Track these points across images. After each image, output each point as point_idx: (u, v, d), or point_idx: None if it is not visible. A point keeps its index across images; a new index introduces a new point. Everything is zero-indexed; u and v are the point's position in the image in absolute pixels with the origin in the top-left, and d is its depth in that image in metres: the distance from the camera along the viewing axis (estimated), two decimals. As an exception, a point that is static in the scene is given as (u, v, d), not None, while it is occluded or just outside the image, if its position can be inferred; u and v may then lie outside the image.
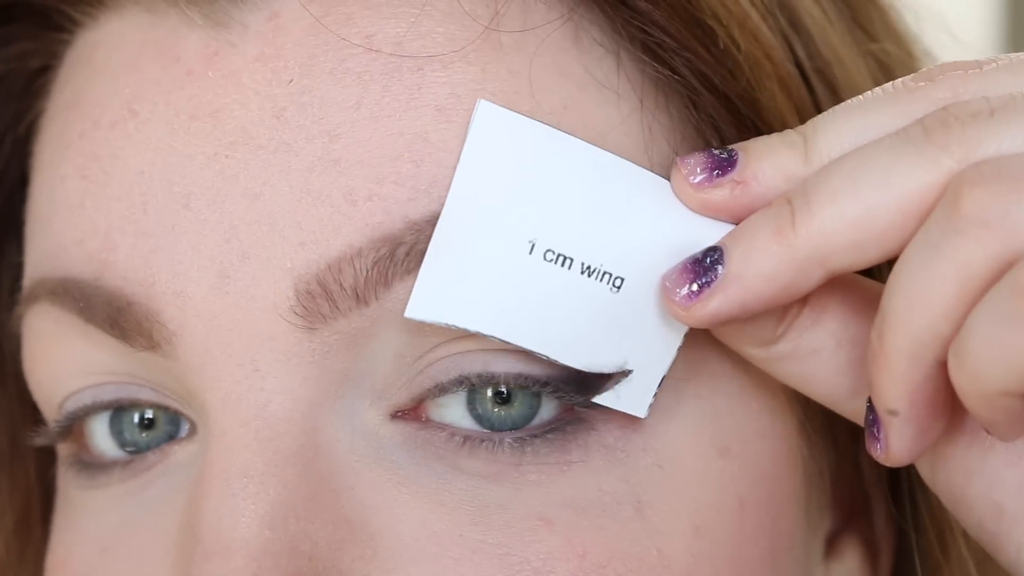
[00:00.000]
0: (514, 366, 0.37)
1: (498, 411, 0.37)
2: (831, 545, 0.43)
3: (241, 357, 0.37)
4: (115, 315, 0.38)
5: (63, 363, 0.40)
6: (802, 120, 0.39)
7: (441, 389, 0.37)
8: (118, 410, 0.41)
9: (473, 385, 0.37)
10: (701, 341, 0.38)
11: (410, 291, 0.36)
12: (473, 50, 0.37)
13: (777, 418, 0.40)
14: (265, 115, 0.37)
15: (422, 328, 0.36)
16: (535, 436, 0.37)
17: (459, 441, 0.37)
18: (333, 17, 0.38)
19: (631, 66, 0.38)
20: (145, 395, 0.40)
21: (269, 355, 0.37)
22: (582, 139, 0.36)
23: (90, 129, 0.40)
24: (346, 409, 0.37)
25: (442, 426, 0.37)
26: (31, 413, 0.46)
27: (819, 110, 0.40)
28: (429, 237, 0.36)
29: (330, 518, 0.36)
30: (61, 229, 0.40)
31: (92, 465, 0.41)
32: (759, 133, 0.38)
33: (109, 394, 0.40)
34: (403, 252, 0.36)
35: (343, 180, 0.36)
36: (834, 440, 0.42)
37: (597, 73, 0.38)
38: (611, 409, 0.37)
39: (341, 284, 0.36)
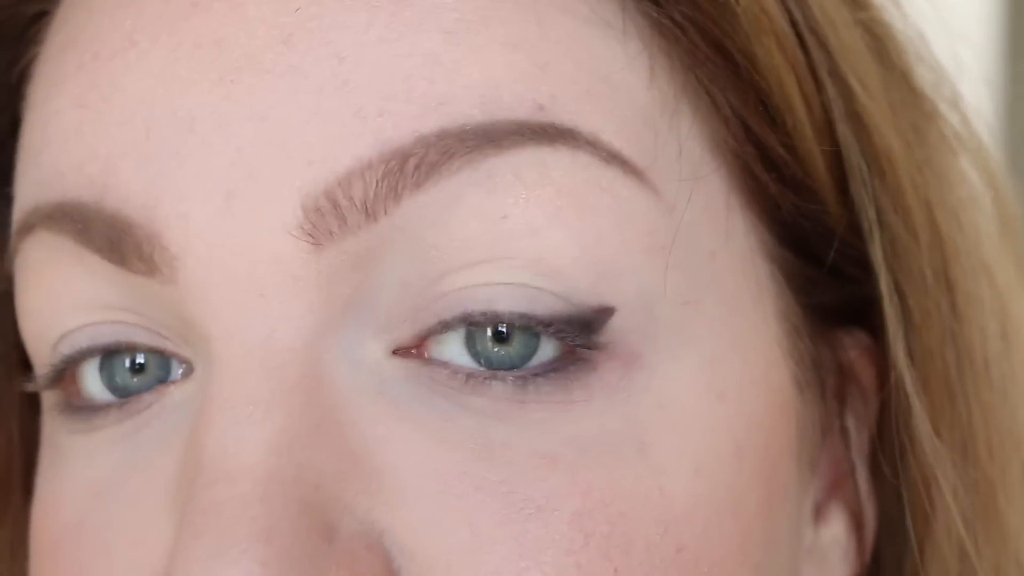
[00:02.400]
0: (518, 304, 0.37)
1: (497, 350, 0.37)
2: (818, 512, 0.43)
3: (245, 282, 0.36)
4: (115, 238, 0.38)
5: (58, 294, 0.40)
6: (799, 79, 0.40)
7: (444, 325, 0.37)
8: (108, 354, 0.40)
9: (476, 322, 0.37)
10: (702, 282, 0.38)
11: (420, 207, 0.36)
12: None
13: (772, 368, 0.40)
14: (272, 41, 0.37)
15: (429, 253, 0.36)
16: (537, 375, 0.37)
17: (462, 379, 0.37)
18: None
19: (634, 8, 0.39)
20: (141, 337, 0.39)
21: (275, 278, 0.36)
22: (588, 68, 0.37)
23: (88, 61, 0.40)
24: (348, 341, 0.37)
25: (444, 363, 0.37)
26: (17, 365, 0.46)
27: (814, 72, 0.41)
28: (439, 151, 0.36)
29: (335, 449, 0.36)
30: (57, 156, 0.39)
31: (83, 409, 0.40)
32: (756, 87, 0.39)
33: (105, 336, 0.40)
34: (412, 165, 0.36)
35: (352, 99, 0.36)
36: (823, 397, 0.43)
37: (601, 11, 0.38)
38: (613, 348, 0.37)
39: (351, 197, 0.36)
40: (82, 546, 0.39)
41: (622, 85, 0.38)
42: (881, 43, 0.44)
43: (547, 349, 0.37)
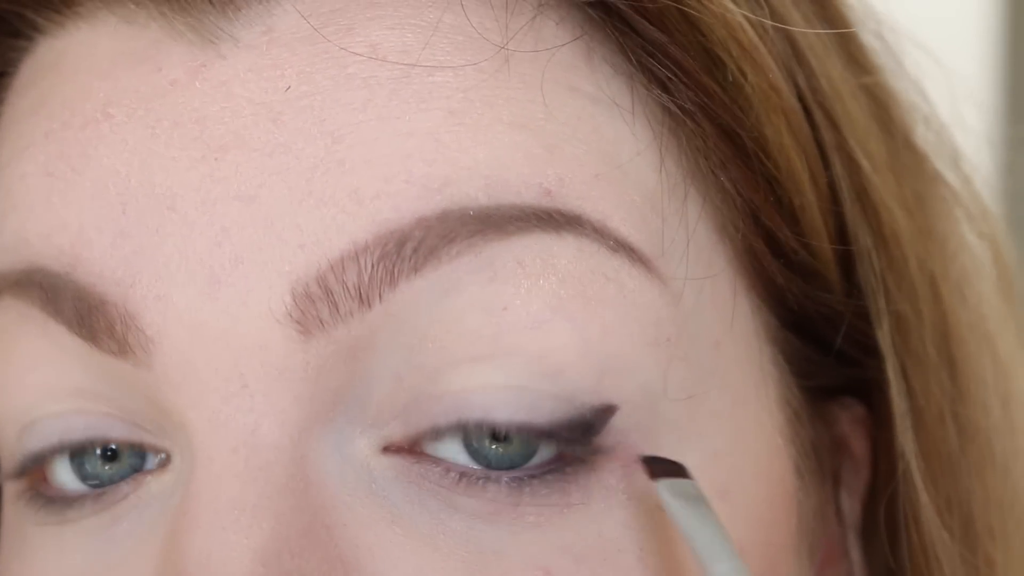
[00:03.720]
0: (516, 413, 0.35)
1: (496, 448, 0.35)
2: None
3: (228, 371, 0.35)
4: (84, 312, 0.36)
5: (25, 369, 0.38)
6: (807, 157, 0.38)
7: (438, 432, 0.35)
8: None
9: (471, 431, 0.35)
10: (705, 374, 0.37)
11: (416, 293, 0.34)
12: (485, 62, 0.36)
13: (774, 458, 0.39)
14: (260, 119, 0.35)
15: (425, 345, 0.35)
16: (533, 476, 0.35)
17: (455, 478, 0.35)
18: (333, 28, 0.36)
19: (641, 88, 0.37)
20: (115, 430, 0.37)
21: (259, 369, 0.35)
22: (596, 151, 0.36)
23: (57, 129, 0.38)
24: (336, 436, 0.35)
25: (437, 460, 0.35)
26: None
27: (821, 148, 0.39)
28: (439, 234, 0.34)
29: (324, 556, 0.34)
30: (23, 223, 0.38)
31: (55, 500, 0.38)
32: (765, 170, 0.38)
33: (77, 431, 0.38)
34: (411, 248, 0.34)
35: (348, 180, 0.35)
36: (822, 481, 0.41)
37: (608, 91, 0.37)
38: (613, 450, 0.35)
39: (344, 282, 0.34)
40: None
41: (630, 169, 0.36)
42: (885, 109, 0.43)
43: (547, 449, 0.35)
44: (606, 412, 0.35)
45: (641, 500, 0.36)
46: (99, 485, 0.38)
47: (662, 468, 0.36)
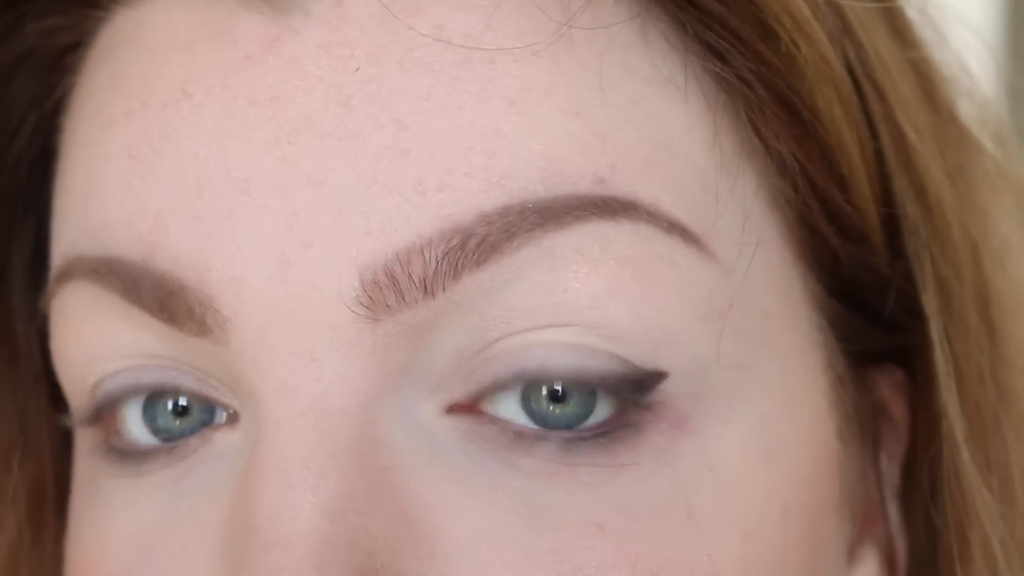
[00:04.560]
0: (572, 360, 0.36)
1: (552, 408, 0.37)
2: (850, 553, 0.43)
3: (299, 346, 0.36)
4: (164, 299, 0.37)
5: (101, 343, 0.39)
6: (856, 127, 0.39)
7: (498, 385, 0.37)
8: (152, 396, 0.40)
9: (531, 380, 0.36)
10: (754, 343, 0.38)
11: (479, 283, 0.36)
12: (544, 45, 0.37)
13: (818, 422, 0.40)
14: (330, 102, 0.36)
15: (487, 322, 0.36)
16: (583, 439, 0.36)
17: (511, 437, 0.37)
18: (401, 6, 0.37)
19: (696, 64, 0.38)
20: (186, 382, 0.39)
21: (328, 345, 0.36)
22: (648, 134, 0.36)
23: (138, 108, 0.39)
24: (402, 403, 0.37)
25: (496, 420, 0.37)
26: (47, 396, 0.45)
27: (869, 119, 0.40)
28: (500, 229, 0.35)
29: (388, 514, 0.36)
30: (105, 208, 0.39)
31: (129, 453, 0.40)
32: (817, 139, 0.39)
33: (151, 377, 0.39)
34: (474, 244, 0.36)
35: (412, 170, 0.36)
36: (863, 445, 0.43)
37: (663, 69, 0.38)
38: (662, 411, 0.37)
39: (409, 275, 0.36)
40: None
41: (681, 150, 0.38)
42: (930, 83, 0.44)
43: (601, 410, 0.37)
44: (657, 377, 0.37)
45: (689, 460, 0.37)
46: (170, 439, 0.39)
47: None
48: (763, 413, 0.38)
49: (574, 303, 0.36)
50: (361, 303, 0.36)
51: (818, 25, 0.39)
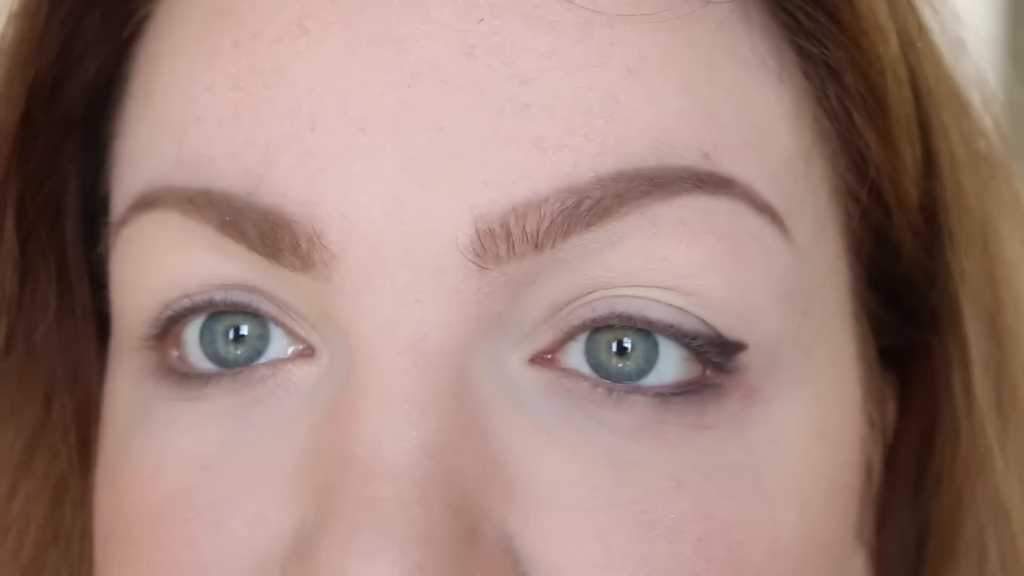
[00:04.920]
0: (666, 316, 0.38)
1: (615, 362, 0.38)
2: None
3: (404, 287, 0.36)
4: (268, 232, 0.37)
5: (185, 273, 0.39)
6: (908, 125, 0.42)
7: (586, 326, 0.38)
8: (210, 319, 0.40)
9: (624, 323, 0.37)
10: (816, 325, 0.40)
11: (585, 243, 0.37)
12: (663, 18, 0.38)
13: (855, 408, 0.42)
14: (453, 50, 0.37)
15: (586, 281, 0.37)
16: (676, 394, 0.38)
17: (603, 392, 0.38)
18: None
19: (789, 51, 0.40)
20: (263, 305, 0.39)
21: (434, 288, 0.36)
22: (746, 116, 0.38)
23: (247, 40, 0.38)
24: (492, 351, 0.37)
25: (582, 376, 0.38)
26: (95, 326, 0.45)
27: (921, 124, 0.43)
28: (613, 194, 0.36)
29: (480, 455, 0.37)
30: (207, 139, 0.38)
31: (190, 376, 0.40)
32: (888, 137, 0.41)
33: (224, 296, 0.39)
34: (588, 205, 0.36)
35: (532, 126, 0.36)
36: (882, 436, 0.45)
37: (761, 53, 0.40)
38: (738, 380, 0.38)
39: (523, 228, 0.36)
40: (188, 518, 0.38)
41: (772, 133, 0.39)
42: (963, 98, 0.46)
43: (667, 368, 0.38)
44: (738, 347, 0.38)
45: (757, 430, 0.39)
46: (224, 365, 0.39)
47: None
48: (818, 393, 0.40)
49: (672, 270, 0.37)
50: (472, 250, 0.36)
51: (892, 27, 0.41)
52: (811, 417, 0.40)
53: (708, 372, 0.38)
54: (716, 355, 0.38)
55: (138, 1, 0.43)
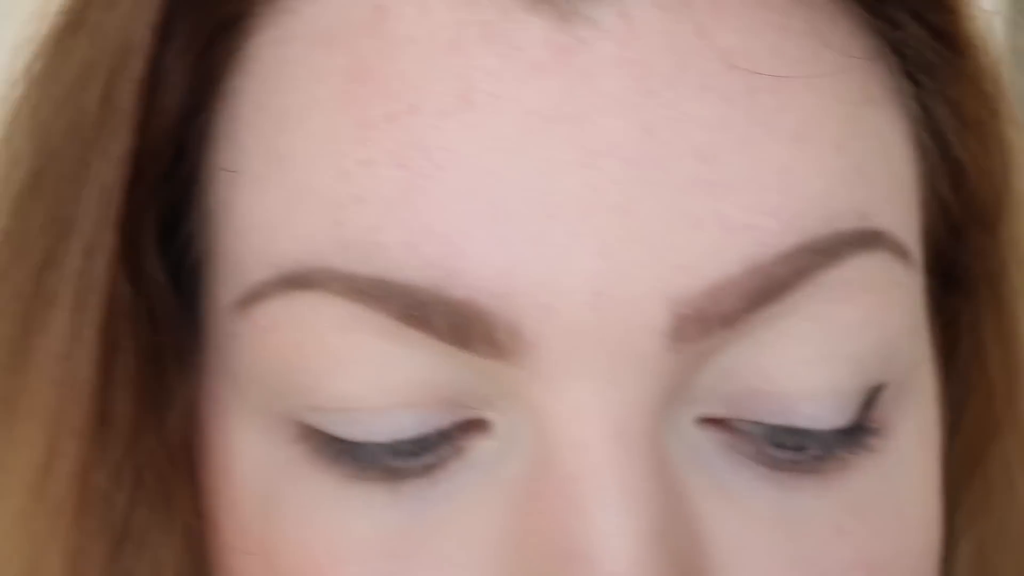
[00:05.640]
0: (832, 420, 0.38)
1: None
2: None
3: (601, 371, 0.36)
4: (460, 325, 0.36)
5: (358, 363, 0.37)
6: (995, 137, 0.44)
7: (759, 417, 0.38)
8: None
9: (787, 429, 0.38)
10: (922, 345, 0.42)
11: (770, 317, 0.37)
12: (824, 76, 0.38)
13: (937, 402, 0.44)
14: (630, 126, 0.36)
15: (759, 348, 0.38)
16: (832, 448, 0.39)
17: (760, 452, 0.38)
18: (688, 27, 0.36)
19: (906, 80, 0.41)
20: (444, 422, 0.38)
21: (630, 370, 0.36)
22: (885, 164, 0.39)
23: (403, 112, 0.36)
24: (670, 416, 0.38)
25: (750, 437, 0.38)
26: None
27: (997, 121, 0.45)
28: (793, 269, 0.37)
29: (685, 531, 0.37)
30: (374, 224, 0.36)
31: (355, 449, 0.38)
32: (982, 146, 0.43)
33: (407, 432, 0.37)
34: (774, 283, 0.37)
35: (717, 205, 0.36)
36: None
37: (888, 88, 0.40)
38: (875, 416, 0.40)
39: (715, 309, 0.36)
40: None
41: (899, 171, 0.40)
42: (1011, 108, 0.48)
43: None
44: (880, 390, 0.40)
45: (890, 457, 0.40)
46: (406, 455, 0.38)
47: None
48: (921, 403, 0.42)
49: (836, 331, 0.38)
50: (668, 333, 0.36)
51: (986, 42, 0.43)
52: (920, 428, 0.42)
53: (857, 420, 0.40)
54: (864, 413, 0.39)
55: (224, 30, 0.40)
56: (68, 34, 0.41)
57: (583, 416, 0.36)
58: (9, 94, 0.43)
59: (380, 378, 0.37)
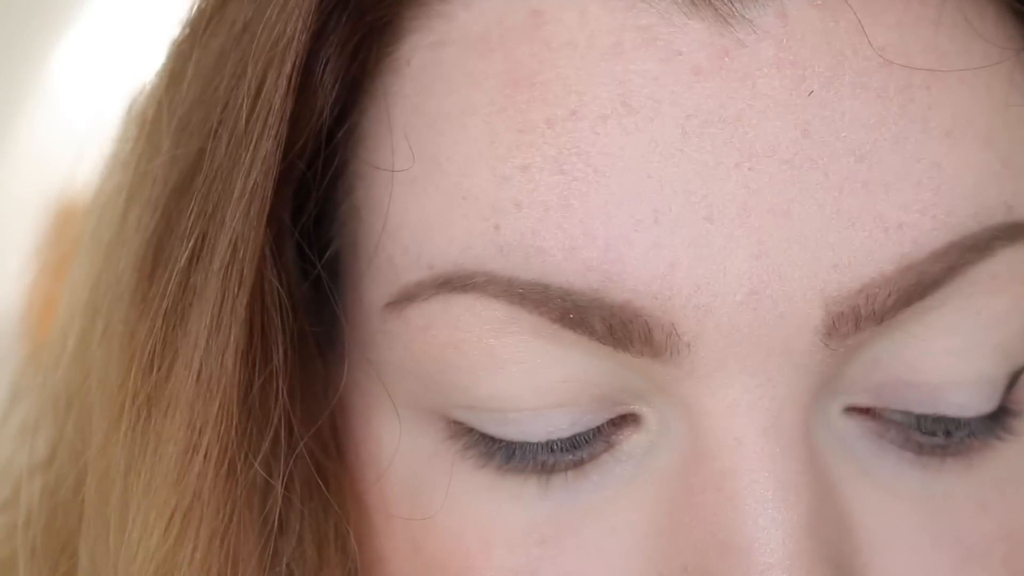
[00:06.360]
0: (980, 407, 0.39)
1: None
2: None
3: (756, 368, 0.37)
4: (619, 327, 0.37)
5: (516, 363, 0.38)
6: None
7: (906, 405, 0.39)
8: None
9: (937, 418, 0.39)
10: None
11: (920, 312, 0.38)
12: (979, 70, 0.38)
13: None
14: (788, 127, 0.36)
15: (908, 340, 0.38)
16: (973, 430, 0.39)
17: (904, 437, 0.39)
18: (844, 24, 0.37)
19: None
20: (597, 421, 0.39)
21: (784, 367, 0.37)
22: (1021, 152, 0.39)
23: (564, 118, 0.37)
24: (820, 408, 0.39)
25: (895, 424, 0.39)
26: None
27: None
28: (945, 266, 0.37)
29: (836, 520, 0.38)
30: (533, 229, 0.37)
31: (511, 445, 0.39)
32: None
33: (563, 431, 0.39)
34: (926, 281, 0.37)
35: (872, 204, 0.37)
36: None
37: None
38: (1010, 395, 0.40)
39: (869, 307, 0.37)
40: None
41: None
42: None
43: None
44: (1021, 372, 0.40)
45: (1021, 430, 0.40)
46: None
47: None
48: None
49: (984, 322, 0.39)
50: (822, 331, 0.37)
51: None
52: None
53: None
54: (1007, 391, 0.40)
55: (376, 33, 0.40)
56: (212, 32, 0.42)
57: (737, 412, 0.37)
58: (151, 91, 0.44)
59: (536, 379, 0.38)
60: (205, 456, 0.41)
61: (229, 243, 0.40)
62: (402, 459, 0.42)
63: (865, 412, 0.39)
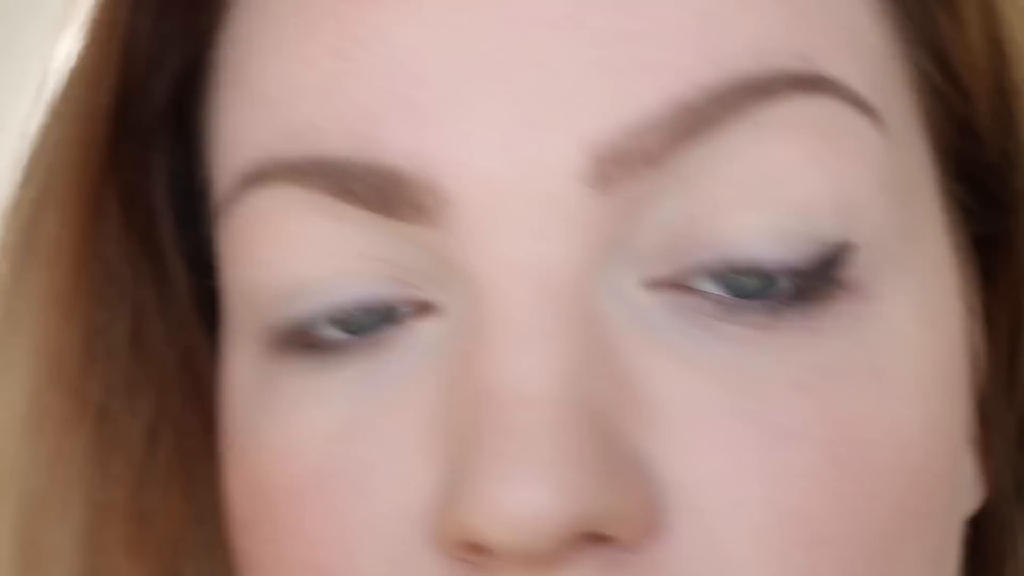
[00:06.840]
0: (775, 253, 0.38)
1: (746, 281, 0.39)
2: None
3: (523, 223, 0.37)
4: (381, 188, 0.38)
5: (304, 241, 0.40)
6: (978, 10, 0.43)
7: (701, 269, 0.38)
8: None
9: (734, 269, 0.38)
10: (914, 216, 0.41)
11: (695, 156, 0.38)
12: None
13: (957, 296, 0.43)
14: None
15: (699, 196, 0.38)
16: (783, 304, 0.38)
17: (715, 306, 0.38)
18: None
19: None
20: (385, 290, 0.39)
21: (552, 220, 0.37)
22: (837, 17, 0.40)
23: (343, 9, 0.39)
24: (608, 276, 0.38)
25: (696, 291, 0.38)
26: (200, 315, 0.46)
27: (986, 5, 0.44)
28: (719, 104, 0.37)
29: (611, 378, 0.37)
30: (311, 109, 0.39)
31: (314, 346, 0.40)
32: (958, 16, 0.43)
33: (347, 296, 0.39)
34: (694, 117, 0.37)
35: (637, 50, 0.37)
36: (978, 325, 0.45)
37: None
38: (849, 280, 0.39)
39: (635, 148, 0.37)
40: (335, 490, 0.39)
41: (860, 29, 0.41)
42: None
43: (788, 283, 0.39)
44: (846, 249, 0.39)
45: (871, 325, 0.39)
46: (354, 332, 0.40)
47: None
48: (923, 282, 0.41)
49: (776, 174, 0.38)
50: (587, 177, 0.37)
51: None
52: (921, 307, 0.41)
53: (822, 277, 0.39)
54: (822, 270, 0.39)
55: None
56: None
57: (509, 270, 0.37)
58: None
59: (325, 255, 0.39)
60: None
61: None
62: (240, 389, 0.43)
63: (670, 287, 0.39)
